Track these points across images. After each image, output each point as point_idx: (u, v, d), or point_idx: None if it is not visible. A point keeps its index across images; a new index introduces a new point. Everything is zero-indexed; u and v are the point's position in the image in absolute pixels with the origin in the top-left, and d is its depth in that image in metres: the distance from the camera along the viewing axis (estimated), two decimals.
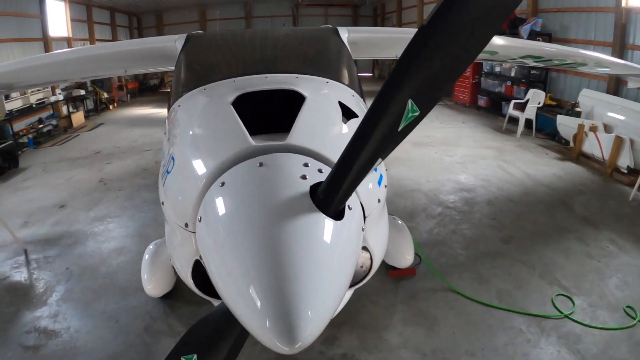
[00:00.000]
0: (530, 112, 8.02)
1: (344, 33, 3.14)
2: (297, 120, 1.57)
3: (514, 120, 8.48)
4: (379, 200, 1.59)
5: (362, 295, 3.40)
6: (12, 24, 9.78)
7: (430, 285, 3.55)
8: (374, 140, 0.89)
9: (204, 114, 1.89)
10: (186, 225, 1.37)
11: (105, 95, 14.16)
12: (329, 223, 1.04)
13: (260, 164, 1.23)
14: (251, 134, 1.61)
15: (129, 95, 16.15)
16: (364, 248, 1.46)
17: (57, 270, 4.18)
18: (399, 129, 0.88)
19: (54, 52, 5.23)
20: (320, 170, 1.22)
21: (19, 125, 9.47)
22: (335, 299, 1.00)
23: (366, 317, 3.18)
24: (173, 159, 1.65)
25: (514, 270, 3.72)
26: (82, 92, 12.36)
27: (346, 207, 1.14)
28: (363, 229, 1.31)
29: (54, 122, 10.79)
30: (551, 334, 2.94)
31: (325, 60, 2.82)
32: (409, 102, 0.84)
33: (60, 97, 11.18)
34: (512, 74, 9.29)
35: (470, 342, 2.87)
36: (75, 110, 12.06)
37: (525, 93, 8.51)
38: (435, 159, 6.96)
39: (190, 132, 1.77)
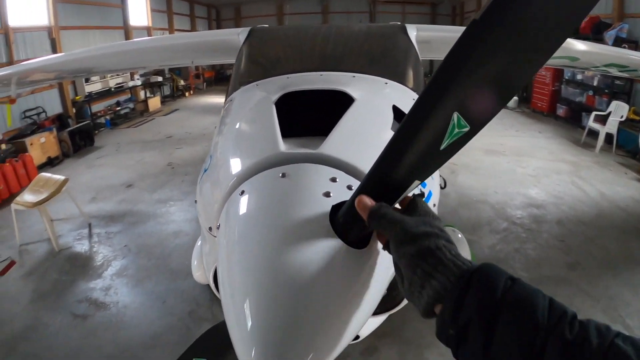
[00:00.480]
0: (612, 126, 7.29)
1: (412, 31, 2.94)
2: (337, 126, 1.40)
3: (593, 134, 7.74)
4: None
5: (410, 309, 3.21)
6: (96, 12, 10.54)
7: None
8: (408, 160, 0.71)
9: (246, 113, 1.80)
10: (210, 229, 1.30)
11: (182, 82, 14.92)
12: (346, 251, 0.87)
13: (283, 175, 1.10)
14: (297, 135, 1.51)
15: (204, 84, 16.90)
16: None
17: (116, 246, 4.42)
18: (442, 147, 0.70)
19: (127, 41, 5.56)
20: (349, 187, 1.05)
21: (97, 107, 10.24)
22: (339, 338, 0.85)
23: (410, 332, 3.03)
24: (211, 157, 1.60)
25: (575, 300, 3.35)
26: (160, 79, 13.12)
27: (374, 232, 0.99)
28: None
29: (131, 105, 11.55)
30: None
31: (388, 60, 2.63)
32: (455, 115, 0.67)
33: (139, 82, 11.93)
34: (595, 83, 8.48)
35: None
36: (152, 95, 12.84)
37: (608, 105, 7.76)
38: (507, 170, 6.52)
39: (229, 132, 1.69)
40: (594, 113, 7.81)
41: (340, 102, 1.64)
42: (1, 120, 7.08)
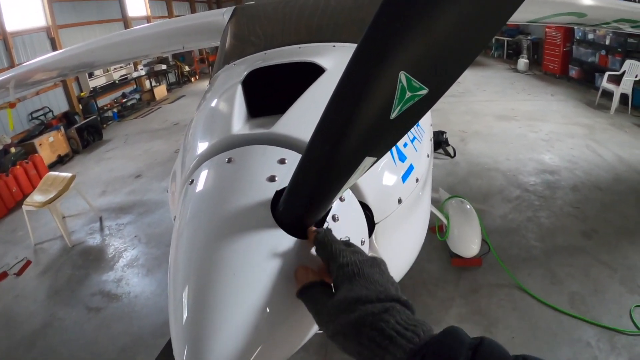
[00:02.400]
0: (627, 86, 6.97)
1: None
2: (297, 100, 1.28)
3: (607, 95, 7.43)
4: (400, 201, 1.26)
5: (419, 284, 3.20)
6: (93, 7, 10.47)
7: (496, 279, 3.21)
8: (349, 133, 0.58)
9: (215, 96, 1.70)
10: (174, 219, 1.26)
11: (187, 68, 14.82)
12: (288, 240, 0.80)
13: (229, 160, 1.02)
14: (272, 113, 1.41)
15: (210, 68, 16.72)
16: None
17: (127, 237, 4.48)
18: (392, 115, 0.56)
19: (117, 32, 5.50)
20: None
21: (104, 101, 10.27)
22: (289, 331, 0.78)
23: (420, 308, 2.97)
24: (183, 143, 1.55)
25: (592, 271, 3.24)
26: (164, 67, 13.04)
27: (329, 219, 0.89)
28: (363, 242, 1.03)
29: (137, 96, 11.56)
30: (622, 353, 2.50)
31: None
32: (402, 75, 0.53)
33: (143, 73, 11.89)
34: (607, 42, 8.09)
35: (528, 352, 2.53)
36: (157, 84, 12.80)
37: (621, 64, 7.42)
38: (519, 135, 6.32)
39: (198, 117, 1.60)
40: (607, 73, 7.49)
41: (319, 74, 1.55)
42: (7, 125, 7.16)
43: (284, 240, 0.81)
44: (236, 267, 0.77)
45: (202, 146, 1.21)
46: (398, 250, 1.31)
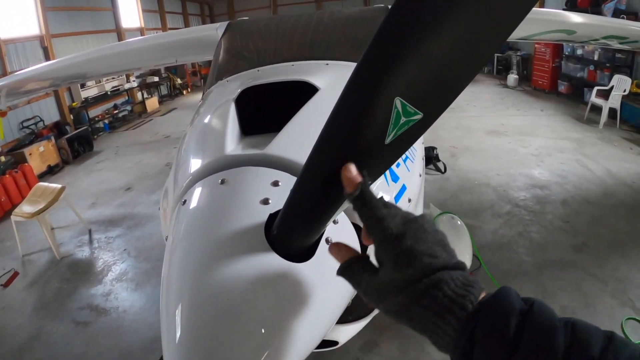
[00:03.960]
0: (615, 100, 7.12)
1: None
2: (290, 121, 1.29)
3: (596, 109, 7.58)
4: None
5: None
6: (87, 17, 10.48)
7: None
8: (345, 159, 0.57)
9: (207, 113, 1.69)
10: (166, 238, 1.24)
11: (179, 81, 14.82)
12: (284, 265, 0.79)
13: (222, 181, 1.01)
14: (268, 131, 1.41)
15: (202, 81, 16.73)
16: None
17: (116, 251, 4.41)
18: (387, 140, 0.56)
19: (110, 44, 5.52)
20: None
21: (95, 112, 10.23)
22: (282, 354, 0.76)
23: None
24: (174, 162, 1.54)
25: (583, 285, 3.26)
26: (156, 79, 13.04)
27: (322, 241, 0.87)
28: None
29: (128, 107, 11.53)
30: None
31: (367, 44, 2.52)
32: (398, 100, 0.53)
33: (135, 84, 11.87)
34: (596, 58, 8.30)
35: None
36: (149, 96, 12.77)
37: (610, 79, 7.59)
38: (509, 150, 6.39)
39: (189, 135, 1.59)
40: (596, 88, 7.65)
41: (313, 93, 1.55)
42: None
43: (277, 263, 0.80)
44: (229, 289, 0.76)
45: (195, 165, 1.21)
46: None
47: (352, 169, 0.58)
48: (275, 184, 0.99)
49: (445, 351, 0.52)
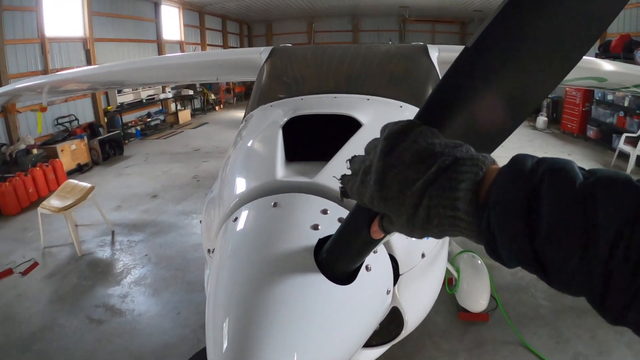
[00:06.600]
0: None
1: (434, 52, 2.87)
2: (337, 153, 1.37)
3: (624, 156, 7.46)
4: (423, 255, 1.34)
5: (424, 335, 3.17)
6: (130, 25, 10.95)
7: (501, 336, 3.17)
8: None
9: (254, 136, 1.80)
10: (209, 251, 1.31)
11: (213, 96, 15.24)
12: (328, 286, 0.86)
13: (275, 204, 1.09)
14: (310, 159, 1.49)
15: (235, 99, 17.20)
16: (395, 309, 1.24)
17: (137, 255, 4.51)
18: None
19: (156, 57, 5.79)
20: (340, 220, 1.01)
21: (128, 117, 10.57)
22: None
23: (424, 357, 2.94)
24: (219, 178, 1.62)
25: (599, 333, 3.18)
26: (191, 92, 13.44)
27: (362, 268, 0.94)
28: (389, 291, 1.10)
29: (161, 117, 11.89)
30: None
31: (406, 81, 2.57)
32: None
33: (170, 95, 12.26)
34: (626, 104, 8.20)
35: None
36: (182, 108, 13.16)
37: (639, 126, 7.50)
38: None
39: (236, 155, 1.69)
40: (624, 135, 7.55)
41: (355, 126, 1.64)
42: (33, 126, 7.39)
43: (325, 286, 0.86)
44: (277, 307, 0.82)
45: (245, 185, 1.29)
46: (417, 300, 1.37)
47: (376, 223, 0.63)
48: (324, 212, 1.07)
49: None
